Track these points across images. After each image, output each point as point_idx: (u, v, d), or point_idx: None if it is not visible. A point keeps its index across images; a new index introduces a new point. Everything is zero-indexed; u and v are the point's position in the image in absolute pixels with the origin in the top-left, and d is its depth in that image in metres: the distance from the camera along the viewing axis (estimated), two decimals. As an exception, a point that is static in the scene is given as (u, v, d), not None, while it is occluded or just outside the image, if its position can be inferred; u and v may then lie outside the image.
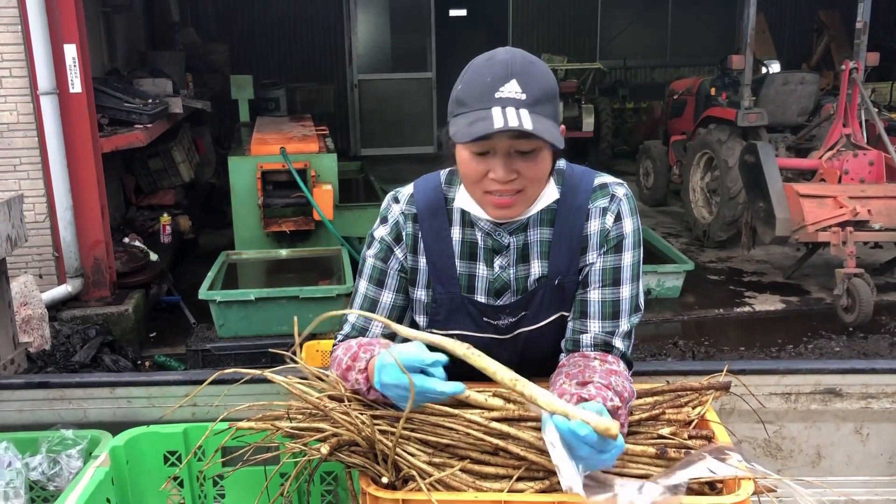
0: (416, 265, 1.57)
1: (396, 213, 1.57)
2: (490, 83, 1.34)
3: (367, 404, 1.37)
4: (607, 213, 1.50)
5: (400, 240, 1.57)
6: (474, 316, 1.54)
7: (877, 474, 1.89)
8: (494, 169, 1.37)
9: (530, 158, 1.37)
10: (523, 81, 1.34)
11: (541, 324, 1.53)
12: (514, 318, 1.53)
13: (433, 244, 1.54)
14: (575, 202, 1.50)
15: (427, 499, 1.21)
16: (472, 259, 1.54)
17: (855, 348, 5.20)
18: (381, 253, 1.58)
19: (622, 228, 1.51)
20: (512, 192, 1.40)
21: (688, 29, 12.53)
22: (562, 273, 1.51)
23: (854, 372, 1.82)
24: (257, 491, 1.62)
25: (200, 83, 8.69)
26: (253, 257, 5.67)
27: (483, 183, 1.40)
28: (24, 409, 1.77)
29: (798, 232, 5.55)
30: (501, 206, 1.42)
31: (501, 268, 1.53)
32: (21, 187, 5.04)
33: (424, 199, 1.56)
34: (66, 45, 4.91)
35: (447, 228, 1.55)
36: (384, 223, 1.59)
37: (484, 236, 1.53)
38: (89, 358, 4.56)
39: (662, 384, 1.46)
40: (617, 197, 1.51)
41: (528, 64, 1.37)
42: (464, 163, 1.41)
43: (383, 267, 1.58)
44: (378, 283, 1.58)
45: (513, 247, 1.52)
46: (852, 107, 6.15)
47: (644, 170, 9.03)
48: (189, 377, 1.80)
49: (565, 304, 1.53)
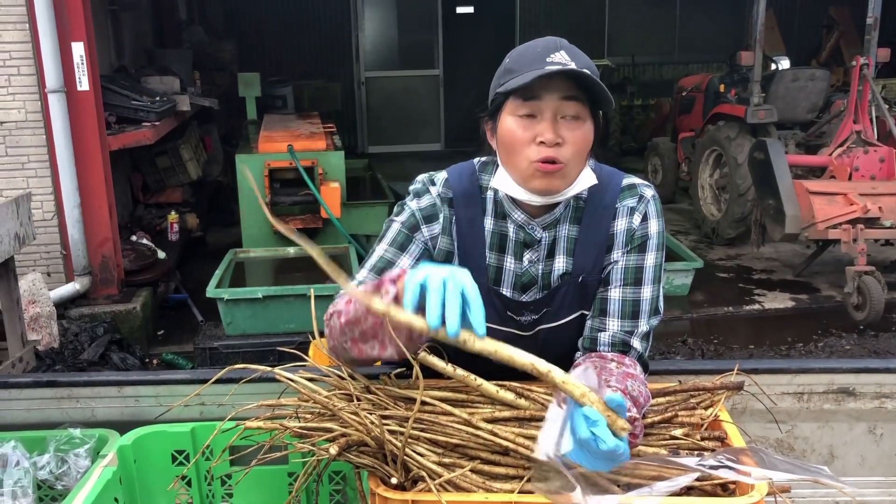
0: (452, 248, 1.55)
1: (434, 195, 1.56)
2: (541, 52, 1.41)
3: (377, 404, 1.36)
4: (635, 213, 1.52)
5: (432, 220, 1.55)
6: (498, 309, 1.52)
7: (891, 475, 1.86)
8: (542, 132, 1.39)
9: (575, 125, 1.41)
10: (572, 53, 1.42)
11: (561, 321, 1.53)
12: (537, 314, 1.53)
13: (466, 232, 1.53)
14: (603, 201, 1.52)
15: (437, 500, 1.19)
16: (501, 251, 1.54)
17: (866, 346, 5.17)
18: (409, 223, 1.55)
19: (648, 229, 1.52)
20: (558, 160, 1.40)
21: (696, 25, 12.47)
22: (586, 271, 1.51)
23: (868, 371, 1.79)
24: (265, 490, 1.61)
25: (208, 81, 8.69)
26: (260, 255, 5.67)
27: (529, 150, 1.41)
28: (32, 408, 1.76)
29: (808, 229, 5.51)
30: (547, 175, 1.41)
31: (531, 262, 1.53)
32: (29, 185, 5.05)
33: (459, 185, 1.56)
34: (73, 43, 4.92)
35: (480, 217, 1.54)
36: (419, 198, 1.56)
37: (516, 229, 1.53)
38: (97, 356, 4.57)
39: (674, 384, 1.44)
40: (645, 198, 1.53)
41: (572, 46, 1.46)
42: (509, 131, 1.43)
43: (409, 234, 1.54)
44: (400, 247, 1.54)
45: (544, 242, 1.52)
46: (863, 103, 6.10)
47: (652, 167, 8.99)
48: (197, 376, 1.79)
49: (586, 302, 1.53)
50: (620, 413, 1.16)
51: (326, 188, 5.74)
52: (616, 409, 1.16)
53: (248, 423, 1.37)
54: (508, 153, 1.45)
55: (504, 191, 1.49)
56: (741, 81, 7.31)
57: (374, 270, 1.54)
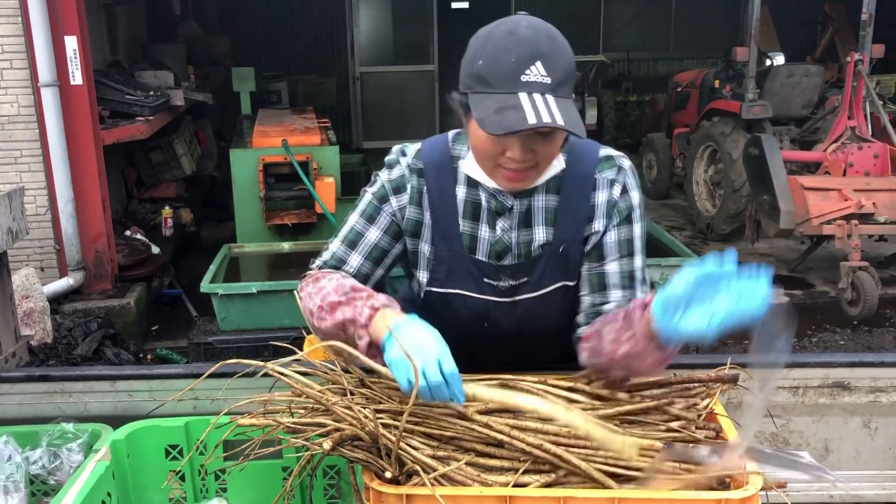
0: (421, 218, 1.56)
1: (403, 166, 1.57)
2: (515, 65, 1.31)
3: (371, 398, 1.35)
4: (615, 185, 1.52)
5: (400, 191, 1.56)
6: (475, 276, 1.53)
7: (885, 468, 1.87)
8: (512, 149, 1.37)
9: (548, 140, 1.37)
10: (548, 64, 1.32)
11: (542, 291, 1.52)
12: (515, 281, 1.52)
13: (437, 201, 1.54)
14: (581, 170, 1.51)
15: (431, 494, 1.19)
16: (475, 219, 1.54)
17: (859, 342, 5.18)
18: (379, 193, 1.58)
19: (631, 200, 1.53)
20: (526, 169, 1.40)
21: (691, 21, 12.46)
22: (567, 241, 1.51)
23: (863, 365, 1.80)
24: (259, 485, 1.61)
25: (202, 76, 8.66)
26: (255, 250, 5.64)
27: (499, 159, 1.40)
28: (25, 402, 1.76)
29: (802, 225, 5.52)
30: (515, 180, 1.42)
31: (503, 230, 1.53)
32: (22, 180, 5.02)
33: (431, 156, 1.57)
34: (66, 36, 4.89)
35: (452, 186, 1.54)
36: (390, 169, 1.58)
37: (488, 197, 1.53)
38: (91, 351, 4.55)
39: (669, 376, 1.44)
40: (624, 169, 1.53)
41: (551, 41, 1.35)
42: (479, 140, 1.40)
43: (378, 205, 1.57)
44: (369, 218, 1.58)
45: (516, 209, 1.52)
46: (857, 99, 6.11)
47: (647, 163, 9.00)
48: (190, 370, 1.78)
49: (567, 273, 1.53)
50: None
51: (321, 183, 5.73)
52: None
53: (241, 420, 1.37)
54: (477, 154, 1.46)
55: (474, 177, 1.51)
56: (736, 77, 7.31)
57: (344, 242, 1.58)
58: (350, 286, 1.44)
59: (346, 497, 1.61)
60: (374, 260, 1.57)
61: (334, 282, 1.46)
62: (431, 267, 1.55)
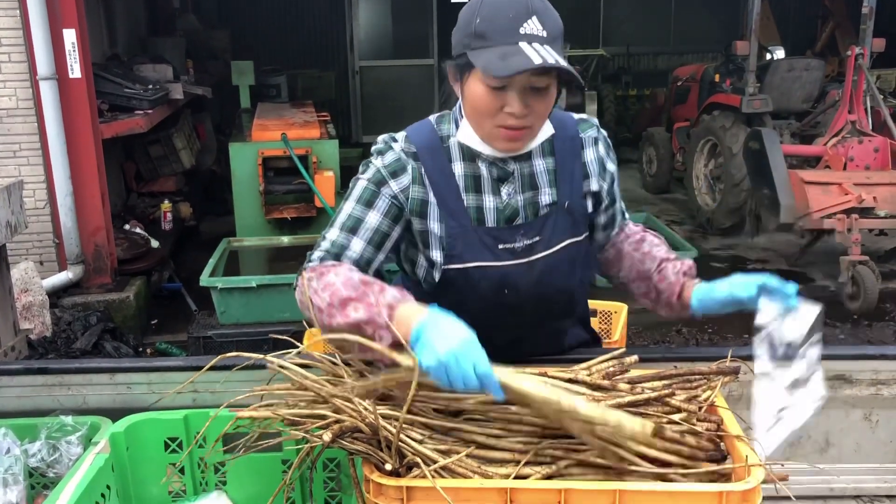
0: (427, 197, 1.57)
1: (397, 150, 1.58)
2: (513, 19, 1.40)
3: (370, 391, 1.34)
4: (598, 143, 1.67)
5: (398, 174, 1.56)
6: (489, 245, 1.56)
7: (886, 461, 1.86)
8: (511, 103, 1.44)
9: (543, 94, 1.45)
10: (542, 19, 1.42)
11: (554, 248, 1.58)
12: (529, 240, 1.57)
13: (438, 179, 1.57)
14: (567, 133, 1.63)
15: (432, 486, 1.18)
16: (477, 192, 1.58)
17: (859, 336, 5.18)
18: (375, 179, 1.57)
19: (611, 153, 1.70)
20: (523, 126, 1.47)
21: (691, 15, 12.43)
22: (569, 197, 1.60)
23: (864, 358, 1.79)
24: (259, 478, 1.60)
25: (201, 69, 8.64)
26: (254, 244, 5.64)
27: (497, 117, 1.46)
28: (24, 395, 1.75)
29: (803, 219, 5.51)
30: (512, 140, 1.49)
31: (509, 195, 1.58)
32: (21, 173, 5.02)
33: (420, 139, 1.60)
34: (65, 30, 4.87)
35: (448, 165, 1.58)
36: (382, 155, 1.58)
37: (488, 167, 1.58)
38: (90, 345, 4.55)
39: (671, 369, 1.44)
40: (597, 126, 1.69)
41: (541, 0, 1.45)
42: (478, 97, 1.46)
43: (375, 189, 1.56)
44: (367, 203, 1.56)
45: (517, 173, 1.59)
46: (858, 93, 6.10)
47: (647, 157, 8.99)
48: (189, 363, 1.78)
49: (574, 230, 1.61)
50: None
51: (320, 177, 5.72)
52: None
53: (241, 413, 1.36)
54: (474, 115, 1.50)
55: (468, 144, 1.55)
56: (736, 71, 7.29)
57: (343, 229, 1.56)
58: (359, 280, 1.40)
59: (346, 490, 1.61)
60: (377, 245, 1.56)
61: (342, 276, 1.41)
62: (445, 244, 1.56)
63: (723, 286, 1.51)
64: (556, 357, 1.63)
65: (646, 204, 8.43)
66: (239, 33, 10.91)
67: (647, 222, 6.73)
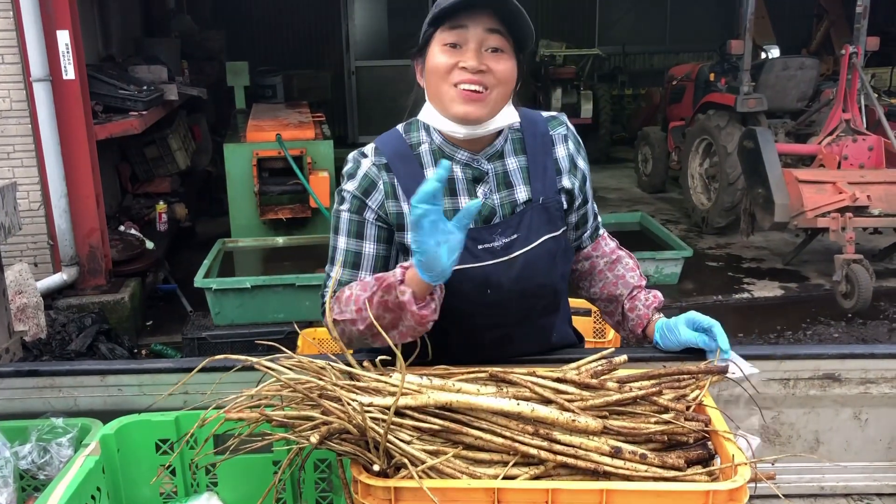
0: (400, 209, 1.60)
1: (366, 166, 1.61)
2: None
3: (359, 390, 1.35)
4: (568, 140, 1.70)
5: (370, 192, 1.60)
6: (469, 247, 1.56)
7: (875, 460, 1.87)
8: (465, 58, 1.49)
9: (499, 56, 1.50)
10: None
11: (533, 245, 1.60)
12: (507, 238, 1.59)
13: (412, 187, 1.56)
14: (538, 130, 1.67)
15: (419, 486, 1.19)
16: (453, 195, 1.60)
17: (854, 334, 5.19)
18: (353, 206, 1.61)
19: (583, 151, 1.73)
20: (481, 86, 1.49)
21: (687, 14, 12.45)
22: (543, 193, 1.63)
23: (853, 357, 1.80)
24: (251, 479, 1.60)
25: (196, 70, 8.62)
26: (249, 245, 5.64)
27: (453, 74, 1.50)
28: (14, 397, 1.75)
29: (797, 218, 5.52)
30: (470, 101, 1.50)
31: (485, 195, 1.61)
32: (15, 175, 5.01)
33: (390, 148, 1.63)
34: (58, 31, 4.86)
35: (421, 171, 1.60)
36: (352, 178, 1.62)
37: (463, 168, 1.61)
38: (85, 346, 4.54)
39: (659, 368, 1.44)
40: (566, 124, 1.72)
41: None
42: (435, 58, 1.51)
43: (359, 219, 1.61)
44: (357, 235, 1.61)
45: (492, 173, 1.62)
46: (852, 92, 6.11)
47: (643, 156, 8.99)
48: (181, 365, 1.78)
49: (551, 225, 1.63)
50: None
51: (315, 177, 5.72)
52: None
53: (230, 415, 1.36)
54: (434, 82, 1.54)
55: (430, 123, 1.59)
56: (731, 70, 7.30)
57: (346, 266, 1.61)
58: (373, 279, 1.47)
59: (337, 491, 1.61)
60: (381, 270, 1.61)
61: (356, 287, 1.49)
62: None
63: (683, 331, 1.62)
64: (545, 357, 1.63)
65: (641, 203, 8.44)
66: (234, 34, 10.90)
67: (642, 221, 6.74)
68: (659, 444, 1.30)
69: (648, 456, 1.26)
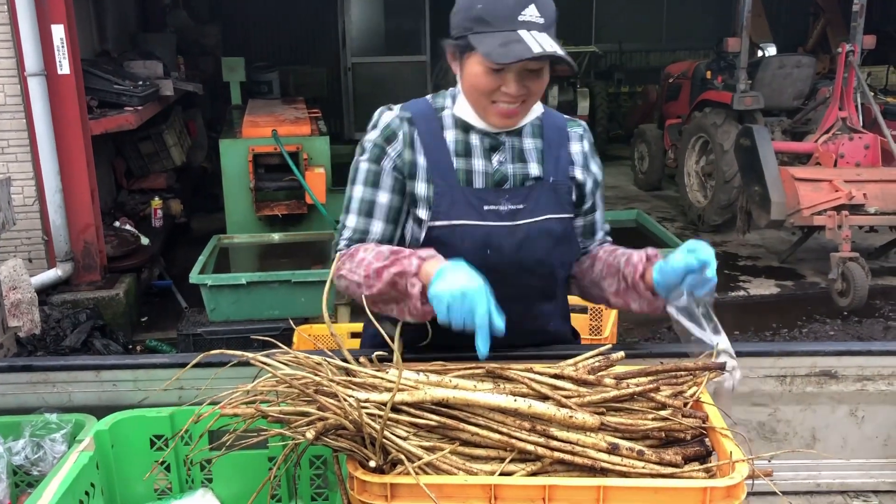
0: (415, 159, 1.65)
1: (390, 117, 1.68)
2: (513, 6, 1.50)
3: (355, 386, 1.34)
4: (584, 140, 1.75)
5: (392, 140, 1.65)
6: (475, 205, 1.62)
7: (872, 457, 1.87)
8: (508, 84, 1.54)
9: (539, 76, 1.56)
10: (539, 6, 1.52)
11: (538, 218, 1.64)
12: (514, 206, 1.63)
13: (430, 142, 1.65)
14: (556, 122, 1.74)
15: (415, 482, 1.18)
16: (467, 156, 1.66)
17: (849, 332, 5.20)
18: (373, 155, 1.66)
19: (597, 157, 1.78)
20: (519, 104, 1.57)
21: (684, 12, 12.45)
22: (554, 175, 1.68)
23: (850, 354, 1.80)
24: (245, 475, 1.59)
25: (192, 66, 8.61)
26: (245, 241, 5.62)
27: (494, 95, 1.57)
28: (7, 392, 1.74)
29: (793, 216, 5.53)
30: (508, 116, 1.59)
31: (500, 163, 1.66)
32: (9, 170, 4.99)
33: (415, 107, 1.70)
34: (53, 25, 4.84)
35: (441, 130, 1.67)
36: (375, 128, 1.68)
37: (481, 138, 1.66)
38: (80, 342, 4.53)
39: (657, 365, 1.44)
40: (586, 129, 1.78)
41: None
42: (476, 76, 1.56)
43: (377, 168, 1.66)
44: (374, 184, 1.66)
45: (508, 145, 1.67)
46: (848, 90, 6.12)
47: (639, 154, 9.00)
48: (175, 360, 1.77)
49: (558, 207, 1.67)
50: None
51: (311, 174, 5.70)
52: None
53: (225, 410, 1.35)
54: (472, 92, 1.59)
55: (463, 118, 1.64)
56: (728, 68, 7.30)
57: (360, 214, 1.66)
58: (388, 250, 1.51)
59: (332, 487, 1.60)
60: (394, 220, 1.66)
61: (371, 252, 1.53)
62: (433, 202, 1.62)
63: (678, 256, 1.50)
64: (542, 353, 1.62)
65: (637, 201, 8.44)
66: (230, 29, 10.87)
67: (638, 219, 6.74)
68: (656, 440, 1.30)
69: (646, 452, 1.26)
